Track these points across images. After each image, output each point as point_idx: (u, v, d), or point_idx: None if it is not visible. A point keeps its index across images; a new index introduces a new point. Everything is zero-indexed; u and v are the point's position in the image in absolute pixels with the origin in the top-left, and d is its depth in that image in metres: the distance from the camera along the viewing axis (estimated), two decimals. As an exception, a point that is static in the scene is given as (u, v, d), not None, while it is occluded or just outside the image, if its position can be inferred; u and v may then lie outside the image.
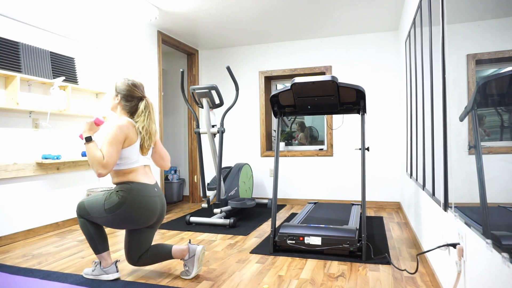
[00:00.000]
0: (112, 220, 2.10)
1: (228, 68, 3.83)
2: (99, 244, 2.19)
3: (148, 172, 2.21)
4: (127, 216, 2.08)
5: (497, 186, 1.06)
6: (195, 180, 5.29)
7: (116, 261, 2.29)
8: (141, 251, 2.21)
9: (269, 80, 5.28)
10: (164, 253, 2.22)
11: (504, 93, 1.01)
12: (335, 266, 2.45)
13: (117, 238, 3.28)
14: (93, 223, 2.18)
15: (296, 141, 5.30)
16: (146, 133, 2.14)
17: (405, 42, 3.50)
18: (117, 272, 2.25)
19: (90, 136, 2.05)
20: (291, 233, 2.73)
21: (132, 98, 2.18)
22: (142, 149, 2.16)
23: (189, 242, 2.26)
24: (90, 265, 2.55)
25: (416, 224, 2.93)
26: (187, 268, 2.23)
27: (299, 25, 4.30)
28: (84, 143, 2.03)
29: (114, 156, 2.00)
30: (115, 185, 2.15)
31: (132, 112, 2.20)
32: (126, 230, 2.22)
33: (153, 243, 2.50)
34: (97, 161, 1.97)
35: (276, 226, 3.50)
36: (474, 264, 1.32)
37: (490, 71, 1.15)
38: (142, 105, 2.17)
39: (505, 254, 0.99)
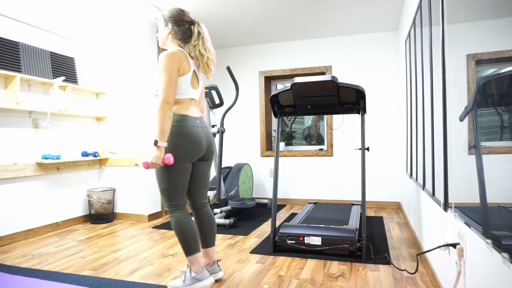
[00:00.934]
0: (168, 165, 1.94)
1: (228, 68, 3.83)
2: (193, 244, 2.03)
3: (194, 107, 2.07)
4: (175, 148, 1.94)
5: (497, 186, 1.06)
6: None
7: (218, 261, 2.24)
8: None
9: (269, 80, 5.28)
10: (187, 245, 2.02)
11: (504, 93, 1.01)
12: (335, 266, 2.45)
13: (117, 238, 3.28)
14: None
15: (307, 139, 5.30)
16: (208, 53, 2.03)
17: (405, 42, 3.50)
18: (211, 275, 2.12)
19: (155, 140, 1.87)
20: (291, 233, 2.73)
21: (183, 22, 2.04)
22: (194, 81, 2.06)
23: (208, 267, 2.17)
24: (90, 266, 2.54)
25: (416, 224, 2.93)
26: (182, 277, 2.05)
27: (299, 25, 4.30)
28: (162, 143, 1.87)
29: (169, 85, 1.87)
30: None
31: (185, 38, 2.06)
32: (183, 173, 2.01)
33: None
34: (161, 111, 1.85)
35: (276, 226, 3.50)
36: (474, 264, 1.32)
37: (490, 71, 1.15)
38: (196, 29, 2.05)
39: (505, 254, 0.99)
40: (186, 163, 2.00)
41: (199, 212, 2.20)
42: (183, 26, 2.05)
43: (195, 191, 2.17)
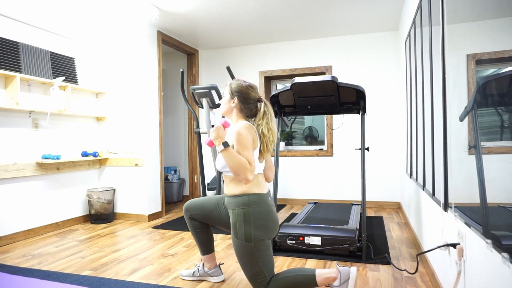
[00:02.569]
0: (256, 247, 1.84)
1: (228, 68, 3.82)
2: (210, 245, 2.21)
3: (263, 181, 1.99)
4: (263, 229, 1.85)
5: (497, 186, 1.06)
6: (195, 180, 5.29)
7: (220, 264, 2.30)
8: (272, 270, 1.93)
9: (269, 80, 5.28)
10: (306, 279, 1.86)
11: (504, 93, 1.01)
12: (335, 266, 2.45)
13: (117, 238, 3.28)
14: (202, 225, 2.17)
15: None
16: (270, 134, 1.95)
17: (405, 42, 3.50)
18: (222, 274, 2.27)
19: (227, 142, 1.80)
20: (291, 233, 2.73)
21: (250, 100, 1.97)
22: (261, 155, 1.99)
23: (337, 264, 1.96)
24: (90, 266, 2.54)
25: (416, 224, 2.93)
26: None
27: (299, 25, 4.30)
28: (221, 150, 1.79)
29: (253, 160, 1.82)
30: (227, 197, 1.95)
31: (249, 115, 2.00)
32: (269, 248, 1.91)
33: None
34: (243, 167, 1.75)
35: (276, 226, 3.49)
36: (474, 264, 1.32)
37: (490, 71, 1.15)
38: (262, 107, 1.98)
39: (505, 254, 0.99)
40: (268, 241, 1.90)
41: (198, 221, 2.19)
42: (249, 104, 1.97)
43: (219, 222, 2.13)
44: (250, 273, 1.87)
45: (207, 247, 2.21)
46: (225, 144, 1.78)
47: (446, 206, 1.72)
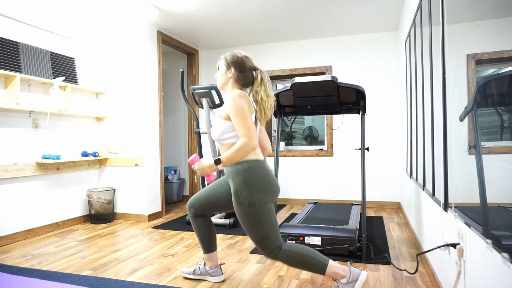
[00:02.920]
0: (260, 210, 1.88)
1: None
2: (213, 243, 2.20)
3: (258, 149, 2.02)
4: (263, 193, 1.88)
5: (497, 186, 1.06)
6: (195, 180, 5.29)
7: (221, 264, 2.29)
8: (279, 236, 1.98)
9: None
10: (317, 264, 1.89)
11: (504, 93, 1.01)
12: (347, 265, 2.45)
13: (117, 238, 3.28)
14: (206, 223, 2.17)
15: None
16: (269, 99, 1.99)
17: (405, 42, 3.50)
18: (222, 274, 2.26)
19: (215, 161, 1.86)
20: (291, 233, 2.73)
21: (246, 68, 2.00)
22: (256, 122, 2.03)
23: (350, 264, 1.96)
24: (90, 266, 2.54)
25: (416, 224, 2.93)
26: None
27: (299, 25, 4.30)
28: (222, 166, 1.86)
29: (252, 125, 1.84)
30: (227, 168, 1.97)
31: (246, 84, 2.03)
32: (273, 212, 1.96)
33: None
34: (244, 148, 1.81)
35: (276, 226, 3.49)
36: (474, 264, 1.32)
37: (490, 71, 1.15)
38: (259, 75, 2.01)
39: (505, 254, 0.99)
40: (271, 204, 1.94)
41: (202, 218, 2.20)
42: (245, 73, 2.00)
43: (222, 207, 2.14)
44: (256, 237, 1.92)
45: (209, 246, 2.22)
46: (217, 162, 1.85)
47: (446, 206, 1.72)
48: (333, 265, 1.90)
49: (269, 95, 2.01)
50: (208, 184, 1.86)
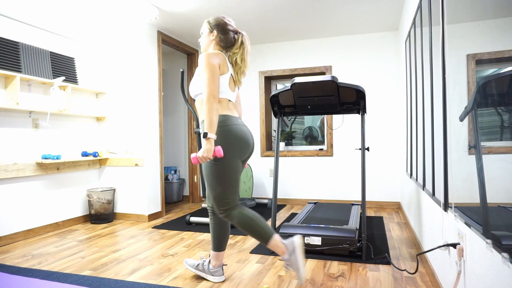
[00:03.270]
0: (222, 164, 1.91)
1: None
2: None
3: (232, 107, 2.07)
4: (225, 147, 1.91)
5: (497, 186, 1.06)
6: (195, 180, 5.29)
7: (223, 265, 2.29)
8: (236, 197, 2.04)
9: (269, 80, 5.28)
10: (263, 234, 1.96)
11: (504, 93, 1.01)
12: (335, 266, 2.45)
13: (117, 238, 3.28)
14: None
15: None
16: (243, 64, 2.07)
17: (405, 42, 3.50)
18: (223, 275, 2.23)
19: (205, 133, 1.85)
20: (291, 233, 2.73)
21: (228, 31, 2.08)
22: (231, 83, 2.07)
23: (282, 240, 2.01)
24: (90, 266, 2.54)
25: (416, 224, 2.93)
26: (291, 269, 1.96)
27: (299, 25, 4.30)
28: (212, 135, 1.85)
29: (215, 85, 1.88)
30: (202, 122, 2.03)
31: (228, 46, 2.10)
32: (237, 171, 1.99)
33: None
34: (211, 109, 1.85)
35: (276, 226, 3.50)
36: (474, 264, 1.32)
37: (490, 71, 1.15)
38: (240, 38, 2.10)
39: (505, 254, 0.99)
40: (238, 160, 1.99)
41: (217, 216, 2.20)
42: (228, 35, 2.08)
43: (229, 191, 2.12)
44: (214, 193, 1.97)
45: (221, 244, 2.21)
46: (205, 135, 1.85)
47: (446, 206, 1.72)
48: (277, 240, 1.98)
49: (244, 60, 2.09)
50: (220, 155, 1.87)
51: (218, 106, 1.94)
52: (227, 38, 2.08)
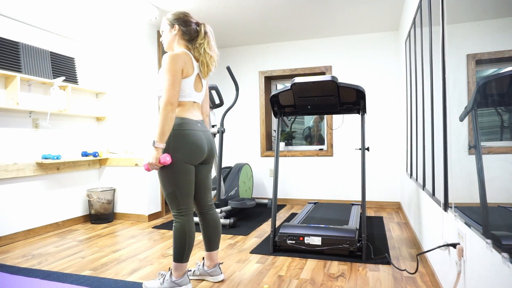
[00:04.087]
0: (171, 167, 1.94)
1: (228, 68, 3.83)
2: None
3: (195, 110, 2.07)
4: (175, 150, 1.93)
5: (497, 186, 1.06)
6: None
7: (219, 263, 2.28)
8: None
9: (269, 80, 5.28)
10: (179, 251, 2.00)
11: (504, 93, 1.01)
12: (335, 266, 2.45)
13: (117, 238, 3.28)
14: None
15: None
16: (209, 54, 2.05)
17: (405, 42, 3.50)
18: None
19: (153, 141, 1.88)
20: (291, 233, 2.73)
21: (190, 23, 2.06)
22: (197, 83, 2.06)
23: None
24: (90, 266, 2.54)
25: (416, 224, 2.93)
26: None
27: (299, 25, 4.30)
28: (159, 144, 1.87)
29: (175, 89, 1.87)
30: None
31: (192, 38, 2.08)
32: (186, 174, 2.00)
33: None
34: (166, 117, 1.84)
35: (276, 226, 3.50)
36: (474, 264, 1.32)
37: (490, 71, 1.15)
38: (203, 28, 2.08)
39: (505, 254, 0.99)
40: (188, 165, 1.99)
41: (204, 216, 2.21)
42: (190, 26, 2.07)
43: (199, 195, 2.18)
44: (165, 193, 2.00)
45: (212, 244, 2.21)
46: (153, 143, 1.87)
47: (446, 206, 1.72)
48: (184, 269, 2.03)
49: (212, 47, 2.08)
50: (166, 163, 1.92)
51: (175, 114, 1.91)
52: (190, 30, 2.06)
